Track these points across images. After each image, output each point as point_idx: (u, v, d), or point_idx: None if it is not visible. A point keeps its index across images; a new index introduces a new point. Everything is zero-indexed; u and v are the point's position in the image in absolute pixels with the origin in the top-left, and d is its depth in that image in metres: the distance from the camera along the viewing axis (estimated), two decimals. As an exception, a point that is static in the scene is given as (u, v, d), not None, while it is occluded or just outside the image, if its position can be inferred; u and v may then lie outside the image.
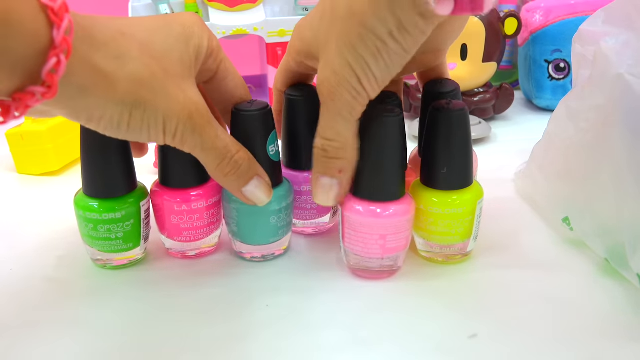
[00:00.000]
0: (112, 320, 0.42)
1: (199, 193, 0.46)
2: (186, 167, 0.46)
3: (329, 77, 0.38)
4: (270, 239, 0.47)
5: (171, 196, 0.46)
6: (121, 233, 0.46)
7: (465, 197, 0.45)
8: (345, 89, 0.38)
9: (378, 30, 0.35)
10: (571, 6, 0.77)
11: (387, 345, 0.39)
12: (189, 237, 0.48)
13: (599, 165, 0.45)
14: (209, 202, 0.47)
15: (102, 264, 0.48)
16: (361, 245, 0.44)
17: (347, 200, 0.44)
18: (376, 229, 0.43)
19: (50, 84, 0.31)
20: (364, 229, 0.44)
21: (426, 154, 0.46)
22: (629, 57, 0.42)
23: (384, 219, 0.43)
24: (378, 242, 0.44)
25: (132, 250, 0.48)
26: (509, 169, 0.61)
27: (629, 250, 0.42)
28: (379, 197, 0.43)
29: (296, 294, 0.45)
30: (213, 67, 0.42)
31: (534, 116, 0.80)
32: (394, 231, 0.44)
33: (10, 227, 0.55)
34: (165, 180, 0.47)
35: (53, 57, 0.31)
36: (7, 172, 0.67)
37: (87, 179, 0.45)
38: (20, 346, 0.40)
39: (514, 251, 0.49)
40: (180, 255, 0.49)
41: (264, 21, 0.73)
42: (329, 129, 0.40)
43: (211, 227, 0.48)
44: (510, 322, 0.41)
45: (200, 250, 0.49)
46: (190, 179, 0.46)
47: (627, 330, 0.40)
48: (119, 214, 0.46)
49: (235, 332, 0.41)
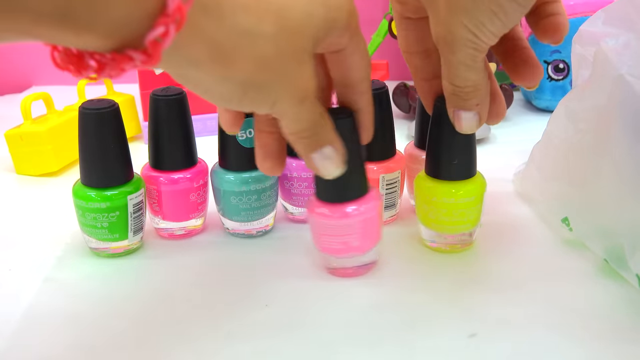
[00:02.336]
0: (111, 320, 0.42)
1: (187, 175, 0.50)
2: (176, 151, 0.49)
3: (445, 36, 0.38)
4: (233, 216, 0.51)
5: (163, 179, 0.49)
6: (106, 223, 0.47)
7: (474, 185, 0.47)
8: (463, 45, 0.38)
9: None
10: (570, 7, 0.77)
11: (387, 345, 0.39)
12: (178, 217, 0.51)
13: (598, 166, 0.45)
14: (194, 184, 0.50)
15: (97, 252, 0.49)
16: (332, 246, 0.45)
17: (311, 204, 0.44)
18: (342, 230, 0.44)
19: (151, 53, 0.27)
20: (331, 231, 0.44)
21: (434, 146, 0.46)
22: (629, 58, 0.42)
23: (350, 218, 0.43)
24: (347, 240, 0.44)
25: (119, 241, 0.48)
26: (508, 169, 0.61)
27: (628, 250, 0.42)
28: (342, 197, 0.43)
29: (295, 293, 0.45)
30: (343, 42, 0.38)
31: (533, 117, 0.80)
32: (360, 229, 0.44)
33: (9, 227, 0.55)
34: (157, 163, 0.50)
35: (161, 26, 0.27)
36: (6, 173, 0.67)
37: (81, 166, 0.47)
38: (20, 346, 0.40)
39: (513, 252, 0.49)
40: (167, 235, 0.52)
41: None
42: (456, 77, 0.40)
43: (199, 208, 0.51)
44: (509, 322, 0.41)
45: (187, 230, 0.52)
46: (180, 162, 0.50)
47: (627, 331, 0.40)
48: (103, 205, 0.46)
49: (235, 333, 0.41)
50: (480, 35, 0.37)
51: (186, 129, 0.49)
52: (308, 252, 0.49)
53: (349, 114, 0.41)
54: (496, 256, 0.49)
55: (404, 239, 0.51)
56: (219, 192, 0.50)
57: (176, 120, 0.49)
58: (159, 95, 0.48)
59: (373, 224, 0.44)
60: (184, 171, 0.50)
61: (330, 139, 0.39)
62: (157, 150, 0.50)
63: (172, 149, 0.49)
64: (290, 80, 0.34)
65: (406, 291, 0.45)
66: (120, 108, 0.47)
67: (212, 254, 0.50)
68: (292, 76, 0.34)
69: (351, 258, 0.45)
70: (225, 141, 0.49)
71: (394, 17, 0.45)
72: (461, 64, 0.39)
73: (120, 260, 0.49)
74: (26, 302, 0.44)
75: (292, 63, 0.34)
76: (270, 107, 0.35)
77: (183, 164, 0.50)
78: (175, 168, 0.50)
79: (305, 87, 0.35)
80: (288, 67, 0.34)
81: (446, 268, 0.47)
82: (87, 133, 0.46)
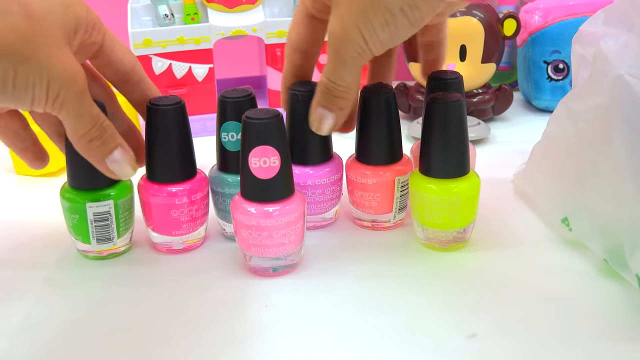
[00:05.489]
0: (112, 321, 0.42)
1: (184, 188, 0.48)
2: (172, 163, 0.47)
3: (338, 32, 0.41)
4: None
5: (156, 191, 0.48)
6: (70, 222, 0.48)
7: (467, 183, 0.47)
8: (351, 46, 0.40)
9: (390, 3, 0.38)
10: (570, 7, 0.77)
11: (387, 345, 0.39)
12: (175, 231, 0.49)
13: (598, 166, 0.45)
14: (192, 197, 0.48)
15: (82, 254, 0.49)
16: (260, 247, 0.45)
17: (237, 203, 0.45)
18: (259, 230, 0.44)
19: None
20: (254, 231, 0.44)
21: (425, 144, 0.47)
22: (629, 58, 0.42)
23: (273, 219, 0.44)
24: (271, 241, 0.45)
25: (84, 244, 0.48)
26: (508, 169, 0.61)
27: (628, 250, 0.42)
28: (266, 197, 0.44)
29: (295, 293, 0.45)
30: (98, 40, 0.42)
31: (533, 117, 0.80)
32: (282, 230, 0.44)
33: (9, 227, 0.55)
34: (151, 175, 0.48)
35: None
36: (6, 173, 0.67)
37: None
38: (20, 346, 0.40)
39: (513, 251, 0.49)
40: (165, 249, 0.50)
41: (263, 22, 0.73)
42: (334, 73, 0.42)
43: (197, 222, 0.49)
44: (509, 322, 0.41)
45: (187, 245, 0.50)
46: (175, 174, 0.47)
47: (626, 331, 0.40)
48: (66, 204, 0.47)
49: (234, 333, 0.41)
50: (369, 41, 0.40)
51: (183, 140, 0.47)
52: (306, 253, 0.49)
53: (276, 114, 0.43)
54: (496, 256, 0.49)
55: (401, 239, 0.51)
56: (219, 195, 0.50)
57: (172, 132, 0.46)
58: (155, 104, 0.46)
59: (295, 225, 0.45)
60: (180, 184, 0.48)
61: (117, 140, 0.42)
62: (151, 162, 0.48)
63: (168, 161, 0.47)
64: (55, 58, 0.37)
65: (406, 291, 0.45)
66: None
67: (212, 254, 0.50)
68: (55, 54, 0.37)
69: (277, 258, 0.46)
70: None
71: (296, 11, 0.48)
72: (343, 63, 0.42)
73: (120, 260, 0.49)
74: (26, 302, 0.44)
75: (50, 42, 0.37)
76: (47, 90, 0.37)
77: (179, 176, 0.48)
78: (169, 181, 0.47)
79: (73, 65, 0.38)
80: (47, 44, 0.37)
81: (446, 268, 0.47)
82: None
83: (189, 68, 0.73)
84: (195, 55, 0.73)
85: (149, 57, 0.71)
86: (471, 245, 0.50)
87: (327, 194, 0.52)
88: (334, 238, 0.52)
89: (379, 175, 0.50)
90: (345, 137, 0.52)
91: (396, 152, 0.51)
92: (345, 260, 0.48)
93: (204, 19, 0.74)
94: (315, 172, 0.51)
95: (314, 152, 0.50)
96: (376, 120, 0.49)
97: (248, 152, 0.43)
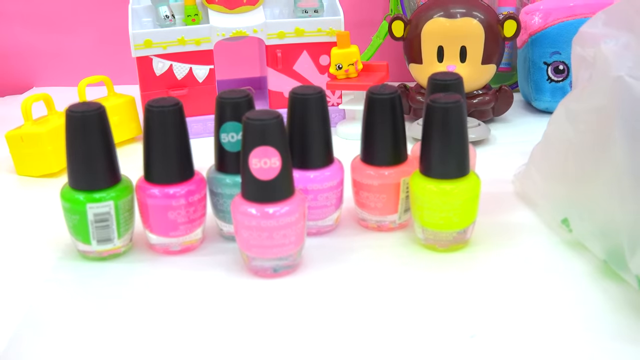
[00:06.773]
0: (112, 321, 0.42)
1: (181, 190, 0.48)
2: (169, 164, 0.47)
3: None
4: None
5: (153, 192, 0.47)
6: (70, 223, 0.48)
7: (467, 183, 0.47)
8: None
9: None
10: (570, 8, 0.77)
11: (387, 345, 0.39)
12: (171, 232, 0.49)
13: (598, 167, 0.45)
14: (189, 199, 0.48)
15: (83, 254, 0.49)
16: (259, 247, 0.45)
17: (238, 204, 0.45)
18: (260, 231, 0.44)
19: None
20: (254, 231, 0.44)
21: (425, 145, 0.47)
22: (629, 59, 0.42)
23: (274, 219, 0.44)
24: (270, 241, 0.45)
25: (85, 245, 0.48)
26: (508, 170, 0.61)
27: (628, 252, 0.42)
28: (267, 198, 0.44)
29: (294, 293, 0.45)
30: None
31: (533, 118, 0.80)
32: (281, 230, 0.44)
33: (10, 228, 0.55)
34: (149, 176, 0.48)
35: None
36: (6, 174, 0.67)
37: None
38: (20, 346, 0.40)
39: (513, 253, 0.49)
40: (162, 251, 0.50)
41: (264, 23, 0.73)
42: None
43: (194, 223, 0.49)
44: (509, 322, 0.41)
45: (184, 246, 0.50)
46: (173, 176, 0.47)
47: (626, 332, 0.40)
48: (67, 204, 0.47)
49: (235, 334, 0.41)
50: None
51: (180, 142, 0.47)
52: (307, 254, 0.49)
53: (276, 115, 0.43)
54: (496, 257, 0.49)
55: (401, 240, 0.51)
56: (217, 196, 0.50)
57: (170, 134, 0.47)
58: (153, 106, 0.46)
59: (294, 225, 0.45)
60: (177, 185, 0.48)
61: None
62: (149, 163, 0.48)
63: (165, 162, 0.47)
64: None
65: (406, 292, 0.45)
66: (120, 109, 0.46)
67: (212, 255, 0.50)
68: None
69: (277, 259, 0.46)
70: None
71: None
72: None
73: (120, 260, 0.49)
74: (26, 303, 0.44)
75: None
76: None
77: (176, 177, 0.48)
78: (166, 182, 0.47)
79: None
80: None
81: (446, 268, 0.47)
82: (70, 133, 0.46)
83: (189, 69, 0.73)
84: (195, 56, 0.73)
85: (149, 58, 0.71)
86: (471, 246, 0.50)
87: (323, 199, 0.51)
88: (334, 239, 0.52)
89: (384, 177, 0.50)
90: (350, 139, 0.52)
91: (402, 153, 0.51)
92: (345, 261, 0.49)
93: (204, 20, 0.74)
94: (315, 176, 0.50)
95: (315, 155, 0.50)
96: (382, 122, 0.49)
97: (248, 153, 0.43)
